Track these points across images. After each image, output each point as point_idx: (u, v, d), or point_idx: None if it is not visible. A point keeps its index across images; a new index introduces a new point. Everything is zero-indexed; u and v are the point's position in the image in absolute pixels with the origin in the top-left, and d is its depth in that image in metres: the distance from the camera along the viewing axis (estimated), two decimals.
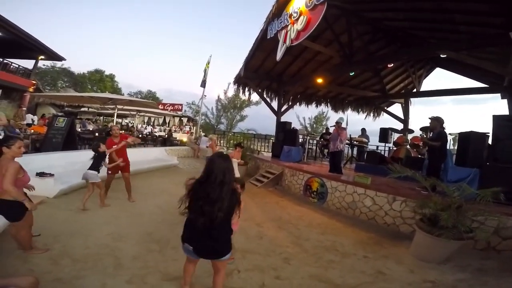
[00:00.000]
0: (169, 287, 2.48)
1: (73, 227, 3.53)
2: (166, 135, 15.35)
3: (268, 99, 11.65)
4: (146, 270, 2.70)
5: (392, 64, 8.63)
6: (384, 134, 8.88)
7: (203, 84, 15.16)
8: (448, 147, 5.39)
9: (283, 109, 11.19)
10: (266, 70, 10.22)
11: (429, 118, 5.16)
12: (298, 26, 6.35)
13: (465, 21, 5.49)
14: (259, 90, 11.43)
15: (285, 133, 9.66)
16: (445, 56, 5.98)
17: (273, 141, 11.49)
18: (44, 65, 26.23)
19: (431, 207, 3.54)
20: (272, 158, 9.76)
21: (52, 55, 17.09)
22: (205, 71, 15.17)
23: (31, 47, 15.01)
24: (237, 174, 6.45)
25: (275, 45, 7.54)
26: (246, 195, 6.40)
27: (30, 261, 2.63)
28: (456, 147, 6.55)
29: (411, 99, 10.97)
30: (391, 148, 9.51)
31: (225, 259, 2.11)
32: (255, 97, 23.54)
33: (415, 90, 10.33)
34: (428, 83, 11.22)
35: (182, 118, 22.95)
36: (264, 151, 12.92)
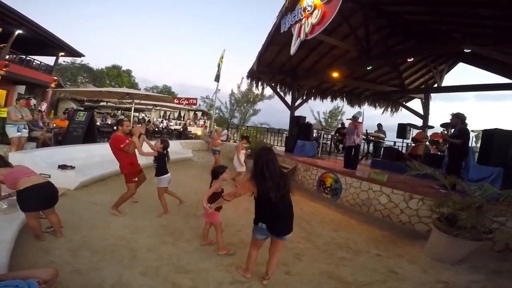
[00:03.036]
0: (182, 280, 2.53)
1: (93, 219, 3.66)
2: (181, 129, 15.63)
3: (281, 93, 11.55)
4: (160, 262, 2.78)
5: (412, 59, 8.29)
6: (402, 130, 8.61)
7: (217, 79, 15.24)
8: (470, 145, 5.17)
9: (297, 103, 11.07)
10: (280, 64, 10.11)
11: (450, 114, 4.96)
12: (313, 19, 6.20)
13: (490, 14, 5.16)
14: (273, 84, 11.35)
15: (299, 127, 9.56)
16: (469, 51, 5.68)
17: (287, 135, 11.42)
18: (64, 61, 27.19)
19: (450, 206, 3.44)
20: (285, 152, 9.71)
21: (72, 52, 17.69)
22: (219, 65, 15.23)
23: (51, 44, 15.57)
24: (241, 168, 6.49)
25: (288, 39, 7.41)
26: None
27: (51, 253, 2.73)
28: (479, 145, 6.26)
29: (432, 94, 10.53)
30: (409, 144, 9.22)
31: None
32: (268, 91, 23.59)
33: (436, 85, 9.92)
34: (450, 78, 10.76)
35: (196, 112, 23.24)
36: (277, 145, 12.88)
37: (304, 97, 11.88)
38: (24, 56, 15.24)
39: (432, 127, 8.79)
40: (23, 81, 15.96)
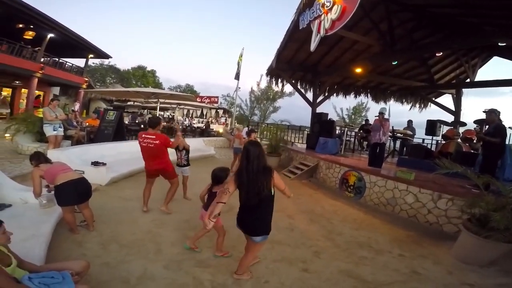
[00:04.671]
0: (201, 274, 2.61)
1: (122, 214, 3.88)
2: (204, 127, 15.99)
3: (302, 90, 11.41)
4: (182, 256, 2.89)
5: (441, 53, 7.82)
6: (432, 126, 8.17)
7: (237, 77, 15.36)
8: (507, 142, 4.81)
9: (318, 100, 10.87)
10: (300, 61, 9.97)
11: (484, 111, 4.64)
12: (332, 15, 6.03)
13: None
14: (293, 81, 11.23)
15: (321, 124, 9.40)
16: (504, 44, 5.26)
17: (308, 132, 11.28)
18: (93, 63, 28.62)
19: (482, 206, 3.26)
20: (306, 149, 9.61)
21: (100, 54, 18.68)
22: (238, 63, 15.32)
23: (81, 46, 16.51)
24: None
25: (308, 36, 7.28)
26: None
27: (83, 246, 2.93)
28: None
29: (464, 89, 9.88)
30: (439, 141, 8.74)
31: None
32: (288, 88, 23.38)
33: (468, 80, 9.29)
34: (483, 73, 10.04)
35: (218, 110, 23.64)
36: (298, 143, 12.77)
37: (326, 94, 11.67)
38: (57, 59, 16.29)
39: (464, 123, 8.24)
40: (57, 83, 17.15)
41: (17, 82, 14.92)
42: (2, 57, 12.27)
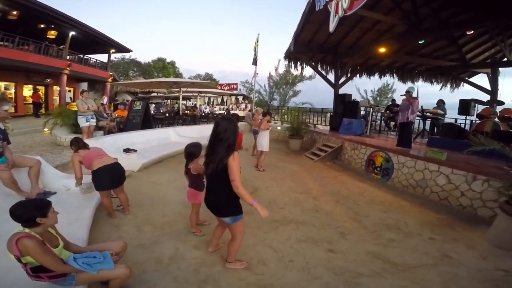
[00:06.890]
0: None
1: (154, 197, 4.09)
2: (225, 113, 16.17)
3: (323, 72, 11.06)
4: (210, 237, 2.97)
5: (472, 32, 7.17)
6: (465, 106, 7.61)
7: (255, 62, 15.17)
8: None
9: (341, 81, 10.52)
10: (319, 42, 9.61)
11: None
12: None
13: None
14: (313, 64, 10.90)
15: (345, 105, 9.11)
16: None
17: (331, 114, 11.00)
18: (115, 58, 29.29)
19: None
20: (330, 131, 9.42)
21: (121, 48, 19.17)
22: (255, 49, 15.09)
23: (102, 42, 17.01)
24: (265, 148, 6.12)
25: (325, 17, 6.92)
26: (302, 169, 6.45)
27: (121, 229, 3.13)
28: None
29: (501, 69, 9.09)
30: (473, 121, 8.17)
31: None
32: (308, 71, 22.76)
33: (505, 59, 8.51)
34: None
35: (238, 97, 23.71)
36: (320, 125, 12.52)
37: (349, 75, 11.23)
38: (81, 55, 16.97)
39: (502, 102, 7.60)
40: (84, 78, 17.95)
41: (48, 80, 15.77)
42: (33, 57, 12.97)
